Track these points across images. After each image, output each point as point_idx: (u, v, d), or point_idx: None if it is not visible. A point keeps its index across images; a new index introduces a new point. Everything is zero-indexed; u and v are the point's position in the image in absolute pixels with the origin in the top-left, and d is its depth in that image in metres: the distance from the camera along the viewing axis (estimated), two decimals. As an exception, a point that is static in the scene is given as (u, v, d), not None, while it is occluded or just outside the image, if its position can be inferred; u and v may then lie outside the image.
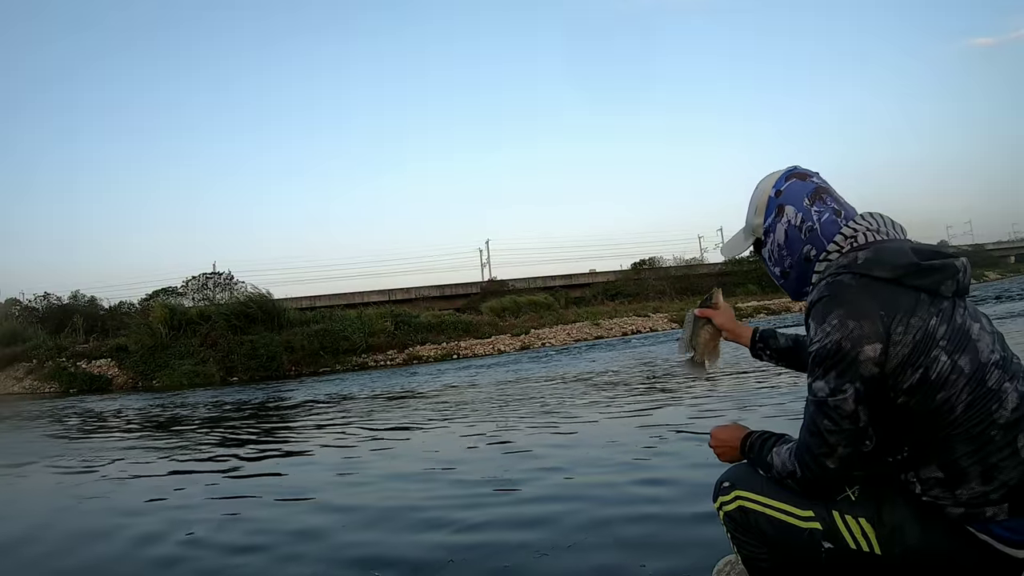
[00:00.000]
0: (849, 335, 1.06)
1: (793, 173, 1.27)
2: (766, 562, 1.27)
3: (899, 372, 1.06)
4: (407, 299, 25.52)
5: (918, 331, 1.06)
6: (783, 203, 1.25)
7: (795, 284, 1.27)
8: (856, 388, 1.07)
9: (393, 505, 2.96)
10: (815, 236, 1.21)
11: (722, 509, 1.32)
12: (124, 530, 2.90)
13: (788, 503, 1.21)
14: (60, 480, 4.39)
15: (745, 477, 1.30)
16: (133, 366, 16.65)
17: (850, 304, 1.08)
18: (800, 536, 1.19)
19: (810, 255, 1.22)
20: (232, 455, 4.85)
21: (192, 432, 6.52)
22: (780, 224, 1.25)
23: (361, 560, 2.27)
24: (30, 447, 6.48)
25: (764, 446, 1.26)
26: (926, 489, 1.09)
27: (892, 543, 1.11)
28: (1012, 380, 1.08)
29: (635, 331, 18.30)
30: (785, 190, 1.25)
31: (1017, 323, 8.90)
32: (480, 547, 2.30)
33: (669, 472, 3.08)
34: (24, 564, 2.60)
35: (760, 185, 1.31)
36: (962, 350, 1.07)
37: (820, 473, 1.12)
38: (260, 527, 2.79)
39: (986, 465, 1.05)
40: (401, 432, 5.31)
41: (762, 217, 1.29)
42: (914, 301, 1.08)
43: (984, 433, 1.05)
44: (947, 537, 1.09)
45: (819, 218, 1.21)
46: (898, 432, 1.11)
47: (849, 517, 1.14)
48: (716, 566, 1.65)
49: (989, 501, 1.05)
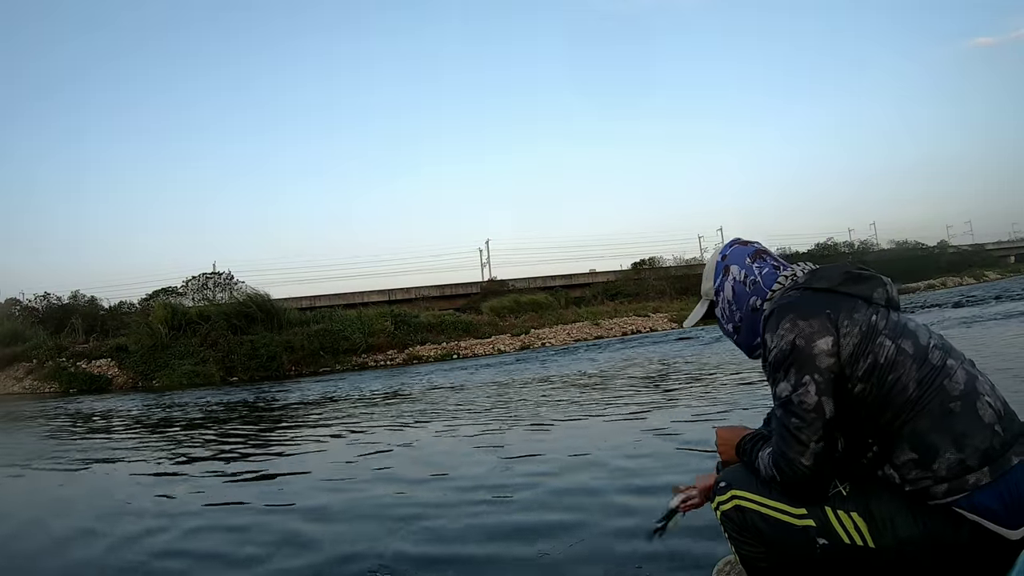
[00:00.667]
0: (801, 333, 1.15)
1: (736, 241, 1.44)
2: (764, 561, 1.29)
3: (852, 361, 1.14)
4: (407, 299, 25.52)
5: (862, 323, 1.16)
6: (728, 264, 1.40)
7: (746, 337, 1.37)
8: (816, 380, 1.14)
9: (380, 513, 2.91)
10: (759, 288, 1.34)
11: (719, 509, 1.34)
12: (99, 537, 2.87)
13: (782, 501, 1.23)
14: (38, 483, 4.35)
15: (741, 477, 1.32)
16: (133, 366, 16.66)
17: (798, 308, 1.19)
18: (796, 534, 1.21)
19: (756, 305, 1.33)
20: (217, 458, 4.84)
21: (177, 434, 6.51)
22: (727, 282, 1.39)
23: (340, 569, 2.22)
24: (16, 449, 6.45)
25: (753, 450, 1.31)
26: (905, 475, 1.12)
27: (884, 536, 1.14)
28: (955, 359, 1.17)
29: (635, 331, 18.31)
30: (729, 254, 1.41)
31: (1018, 323, 8.90)
32: (477, 555, 2.29)
33: (666, 475, 3.08)
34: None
35: (709, 257, 1.48)
36: (903, 335, 1.17)
37: (796, 474, 1.16)
38: (241, 535, 2.73)
39: (955, 433, 1.10)
40: (394, 435, 5.31)
41: (711, 281, 1.43)
42: (853, 303, 1.19)
43: (943, 405, 1.11)
44: (936, 522, 1.10)
45: (760, 271, 1.35)
46: (861, 424, 1.16)
47: (842, 512, 1.17)
48: (716, 566, 1.65)
49: (968, 467, 1.08)
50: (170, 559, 2.49)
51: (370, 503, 3.06)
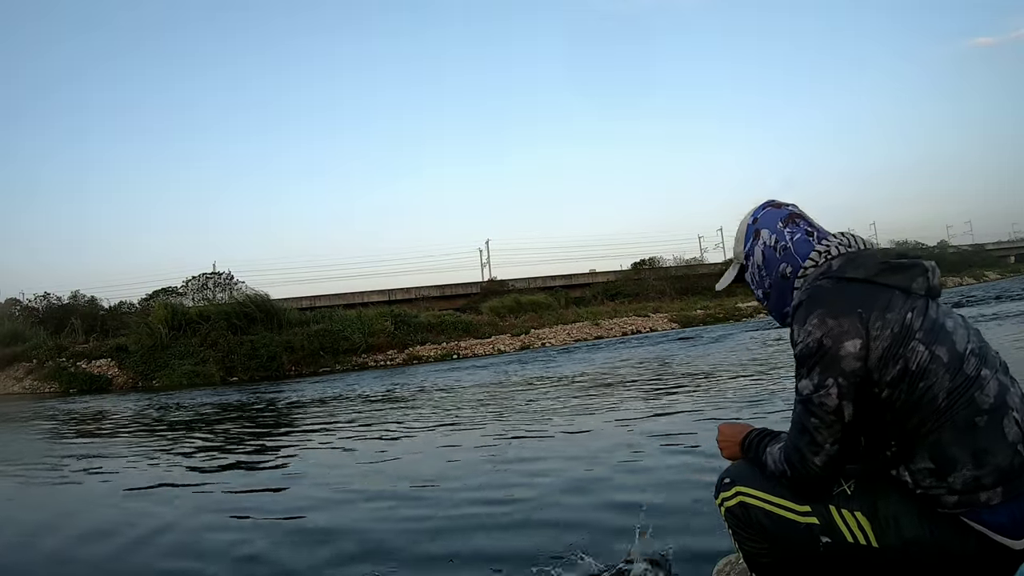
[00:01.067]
0: (829, 332, 1.11)
1: (769, 203, 1.37)
2: (767, 557, 1.29)
3: (881, 366, 1.10)
4: (407, 299, 25.51)
5: (895, 324, 1.10)
6: (759, 228, 1.35)
7: (776, 303, 1.33)
8: (839, 383, 1.10)
9: (380, 514, 2.91)
10: (789, 254, 1.29)
11: (723, 505, 1.34)
12: (99, 539, 2.87)
13: (786, 498, 1.24)
14: (36, 487, 4.33)
15: (746, 474, 1.32)
16: (133, 366, 16.64)
17: (829, 304, 1.13)
18: (799, 531, 1.22)
19: (786, 272, 1.29)
20: (217, 459, 4.85)
21: (176, 435, 6.52)
22: (757, 247, 1.34)
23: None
24: (4, 450, 6.43)
25: (760, 445, 1.30)
26: (918, 481, 1.11)
27: (888, 536, 1.13)
28: (990, 368, 1.12)
29: (635, 331, 18.29)
30: (761, 217, 1.36)
31: (1018, 323, 8.90)
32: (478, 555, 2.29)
33: (667, 475, 3.08)
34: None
35: (742, 219, 1.41)
36: (938, 341, 1.11)
37: (807, 472, 1.16)
38: (241, 535, 2.72)
39: (976, 449, 1.07)
40: (394, 436, 5.31)
41: (742, 244, 1.39)
42: (888, 297, 1.13)
43: (969, 419, 1.08)
44: (943, 529, 1.10)
45: (792, 238, 1.29)
46: (885, 427, 1.13)
47: (845, 511, 1.17)
48: (716, 566, 1.65)
49: (982, 485, 1.07)
50: (170, 562, 2.49)
51: (370, 504, 3.06)
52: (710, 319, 19.51)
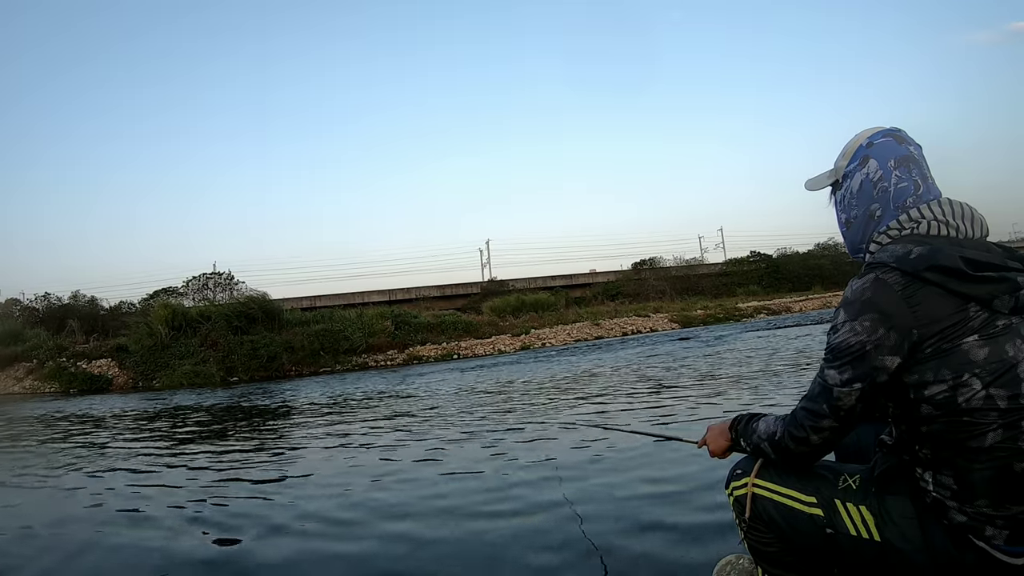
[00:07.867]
0: (873, 339, 1.07)
1: (893, 133, 1.24)
2: (772, 547, 1.31)
3: (922, 383, 1.07)
4: (407, 299, 25.54)
5: (950, 354, 1.04)
6: (869, 155, 1.23)
7: (854, 236, 1.26)
8: (864, 389, 1.10)
9: (380, 515, 2.90)
10: (885, 198, 1.19)
11: (733, 494, 1.36)
12: (99, 542, 2.86)
13: (794, 489, 1.26)
14: (33, 491, 4.25)
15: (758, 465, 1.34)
16: (133, 366, 16.64)
17: (885, 309, 1.07)
18: (804, 521, 1.23)
19: (875, 214, 1.21)
20: (216, 459, 4.84)
21: (175, 435, 6.52)
22: (859, 173, 1.23)
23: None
24: (10, 454, 6.40)
25: (751, 421, 1.33)
26: (936, 489, 1.11)
27: (892, 532, 1.14)
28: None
29: (635, 331, 18.28)
30: (877, 144, 1.23)
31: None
32: (476, 555, 2.29)
33: (665, 475, 3.08)
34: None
35: (859, 132, 1.28)
36: (1000, 382, 1.03)
37: (803, 440, 1.19)
38: (240, 534, 2.71)
39: (1001, 494, 1.06)
40: (395, 436, 5.30)
41: (847, 161, 1.27)
42: (960, 313, 1.05)
43: (1008, 465, 1.04)
44: (945, 536, 1.10)
45: (896, 183, 1.19)
46: (921, 436, 1.12)
47: (850, 504, 1.19)
48: (716, 566, 1.65)
49: (993, 523, 1.07)
50: (170, 563, 2.49)
51: (370, 504, 3.06)
52: (710, 319, 19.52)
